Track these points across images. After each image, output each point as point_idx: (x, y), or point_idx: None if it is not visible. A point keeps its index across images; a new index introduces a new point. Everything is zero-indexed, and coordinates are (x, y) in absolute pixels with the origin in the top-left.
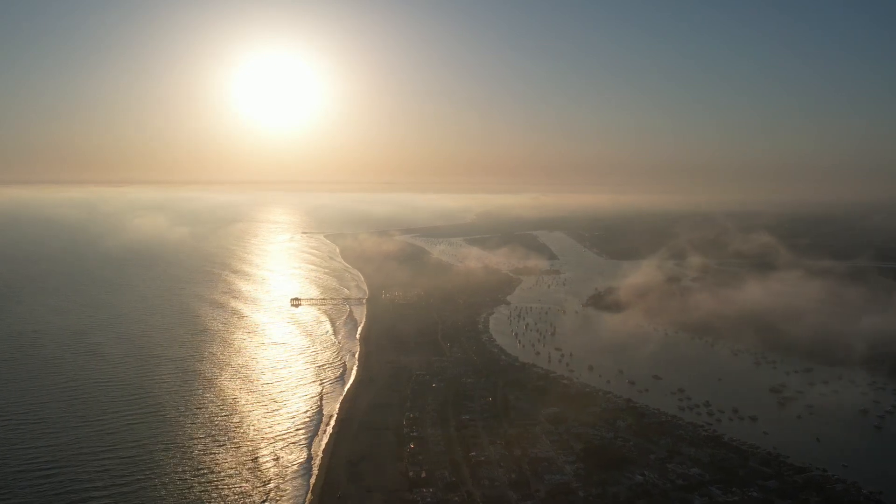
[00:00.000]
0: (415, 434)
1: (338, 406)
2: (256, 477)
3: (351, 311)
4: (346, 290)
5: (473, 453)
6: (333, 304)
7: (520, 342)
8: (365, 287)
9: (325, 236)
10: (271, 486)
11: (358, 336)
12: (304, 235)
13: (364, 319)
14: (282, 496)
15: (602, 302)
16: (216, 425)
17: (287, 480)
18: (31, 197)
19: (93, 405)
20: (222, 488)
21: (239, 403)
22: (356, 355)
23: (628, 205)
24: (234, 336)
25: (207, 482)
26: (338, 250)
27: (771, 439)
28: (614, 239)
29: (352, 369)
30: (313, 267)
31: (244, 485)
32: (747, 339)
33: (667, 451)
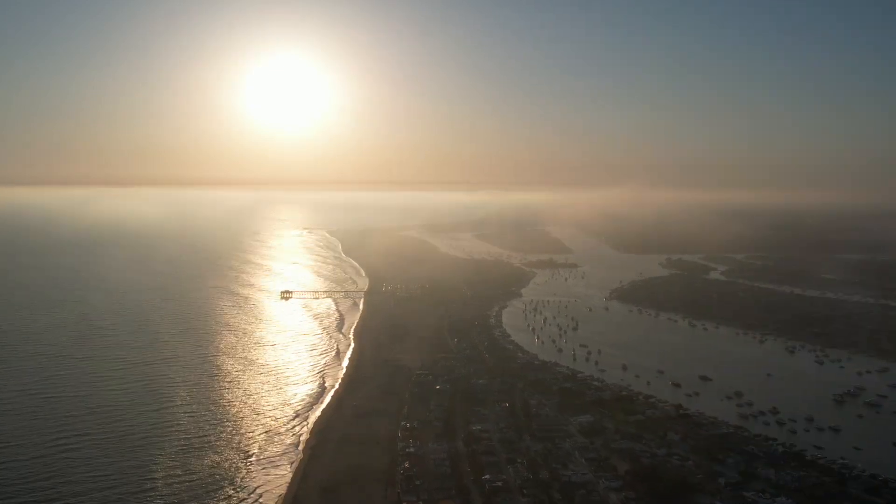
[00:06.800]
0: (411, 450)
1: (317, 414)
2: None
3: (347, 305)
4: (343, 282)
5: (487, 476)
6: (328, 297)
7: (538, 338)
8: (365, 280)
9: (327, 232)
10: None
11: (351, 331)
12: (307, 231)
13: (361, 313)
14: None
15: (628, 295)
16: (158, 439)
17: None
18: (33, 196)
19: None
20: None
21: (195, 415)
22: (347, 353)
23: (648, 203)
24: (211, 334)
25: None
26: (339, 245)
27: (866, 457)
28: (635, 235)
29: (340, 370)
30: (312, 260)
31: None
32: (801, 335)
33: (739, 473)
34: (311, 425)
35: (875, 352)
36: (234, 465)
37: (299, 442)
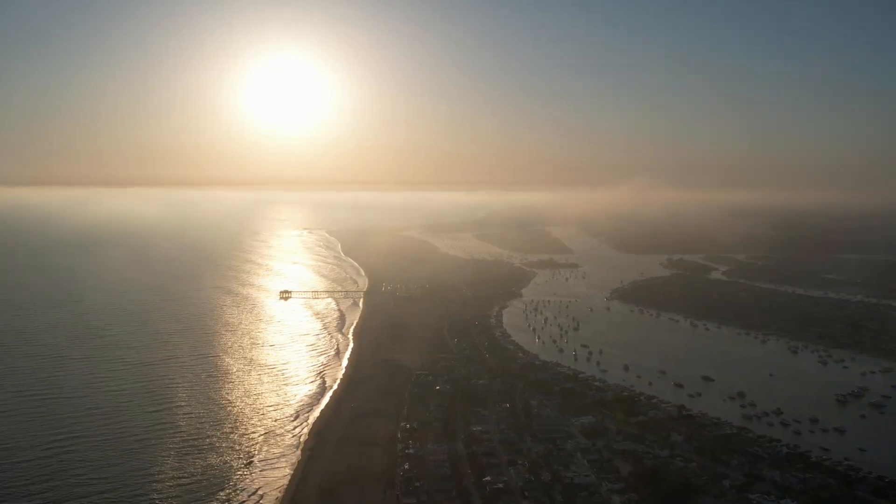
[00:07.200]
0: (411, 451)
1: (316, 415)
2: None
3: (346, 305)
4: (343, 282)
5: (488, 478)
6: (328, 296)
7: (539, 338)
8: (365, 280)
9: (327, 232)
10: None
11: (351, 331)
12: (307, 231)
13: (360, 314)
14: None
15: (629, 295)
16: (156, 440)
17: None
18: (33, 196)
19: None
20: None
21: (194, 415)
22: (346, 353)
23: (649, 203)
24: (210, 333)
25: None
26: (339, 245)
27: (872, 458)
28: (635, 235)
29: (339, 370)
30: (312, 260)
31: None
32: (803, 335)
33: (743, 474)
34: (310, 426)
35: (878, 352)
36: (232, 467)
37: (298, 443)
